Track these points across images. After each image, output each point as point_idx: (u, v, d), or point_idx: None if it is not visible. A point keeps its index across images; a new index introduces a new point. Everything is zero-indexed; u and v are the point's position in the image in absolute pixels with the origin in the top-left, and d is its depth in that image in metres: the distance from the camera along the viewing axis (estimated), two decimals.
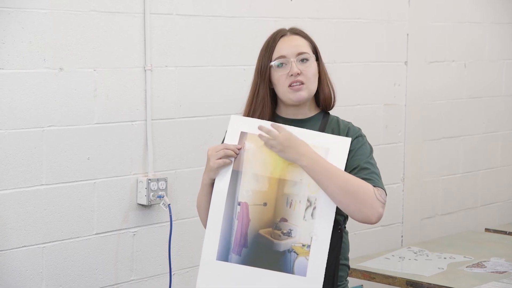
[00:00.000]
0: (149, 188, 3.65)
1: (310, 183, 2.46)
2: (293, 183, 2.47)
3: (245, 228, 2.47)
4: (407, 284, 3.51)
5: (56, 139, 3.41)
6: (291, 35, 2.60)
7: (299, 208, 2.45)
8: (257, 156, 2.50)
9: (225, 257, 2.47)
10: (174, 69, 3.77)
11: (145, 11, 3.63)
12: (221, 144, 2.53)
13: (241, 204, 2.48)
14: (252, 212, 2.47)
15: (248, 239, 2.46)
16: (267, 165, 2.49)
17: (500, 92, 5.43)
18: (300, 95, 2.54)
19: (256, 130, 2.52)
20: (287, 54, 2.56)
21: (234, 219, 2.48)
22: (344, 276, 2.60)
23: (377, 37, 4.67)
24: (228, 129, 2.54)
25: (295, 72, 2.53)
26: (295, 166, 2.47)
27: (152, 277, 3.77)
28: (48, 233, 3.42)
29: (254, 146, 2.51)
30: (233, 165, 2.50)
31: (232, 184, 2.49)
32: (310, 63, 2.56)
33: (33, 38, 3.31)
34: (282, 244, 2.44)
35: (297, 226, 2.45)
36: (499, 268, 3.70)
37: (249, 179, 2.49)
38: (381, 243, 4.67)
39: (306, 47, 2.59)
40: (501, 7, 5.38)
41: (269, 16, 4.07)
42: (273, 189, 2.48)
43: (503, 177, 5.51)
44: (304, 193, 2.46)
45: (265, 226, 2.46)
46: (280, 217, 2.46)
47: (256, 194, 2.48)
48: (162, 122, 3.75)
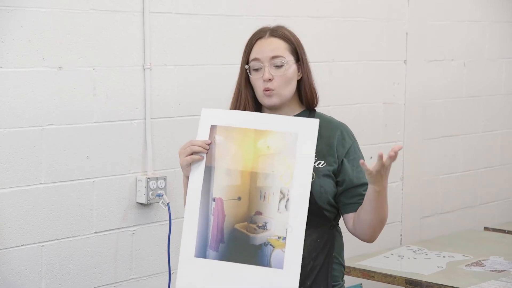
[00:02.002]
0: (148, 187, 3.65)
1: (282, 175, 2.46)
2: (265, 176, 2.47)
3: (221, 223, 2.47)
4: (406, 282, 3.52)
5: (55, 138, 3.41)
6: (268, 38, 2.57)
7: (272, 201, 2.45)
8: (228, 149, 2.50)
9: (203, 254, 2.47)
10: (173, 67, 3.77)
11: (144, 10, 3.63)
12: (188, 141, 2.52)
13: (215, 199, 2.48)
14: (227, 207, 2.47)
15: (224, 234, 2.46)
16: (239, 158, 2.49)
17: (499, 91, 5.43)
18: (271, 101, 2.55)
19: (224, 122, 2.51)
20: (261, 57, 2.55)
21: (210, 215, 2.48)
22: (339, 276, 2.58)
23: (377, 35, 4.67)
24: (199, 124, 2.54)
25: (266, 78, 2.53)
26: (265, 157, 2.47)
27: (151, 276, 3.77)
28: (47, 232, 3.42)
29: (224, 139, 2.51)
30: (205, 161, 2.50)
31: (206, 180, 2.49)
32: (284, 67, 2.54)
33: (32, 36, 3.31)
34: (258, 238, 2.44)
35: (271, 219, 2.44)
36: (498, 266, 3.70)
37: (222, 174, 2.49)
38: (380, 241, 4.63)
39: (282, 50, 2.55)
40: (500, 6, 5.38)
41: (269, 15, 4.07)
42: (246, 183, 2.48)
43: (502, 176, 5.51)
44: (277, 185, 2.45)
45: (241, 220, 2.46)
46: (255, 210, 2.46)
47: (230, 189, 2.48)
48: (162, 121, 3.75)
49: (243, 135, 2.51)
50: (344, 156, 2.55)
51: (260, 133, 2.50)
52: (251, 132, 2.51)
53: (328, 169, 2.53)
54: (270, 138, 2.50)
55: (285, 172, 2.46)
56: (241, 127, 2.52)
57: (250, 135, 2.51)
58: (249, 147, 2.50)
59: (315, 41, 4.28)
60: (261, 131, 2.51)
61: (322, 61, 4.36)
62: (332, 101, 4.37)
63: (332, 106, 4.35)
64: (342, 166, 2.54)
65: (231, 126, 2.52)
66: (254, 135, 2.50)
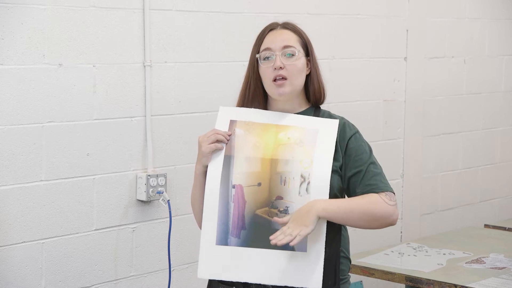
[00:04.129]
0: (148, 184, 3.65)
1: (302, 160, 2.46)
2: (285, 162, 2.47)
3: (242, 210, 2.47)
4: (406, 280, 3.52)
5: (55, 135, 3.41)
6: (280, 29, 2.60)
7: (293, 185, 2.45)
8: (248, 140, 2.51)
9: (225, 241, 2.46)
10: (173, 64, 3.77)
11: (145, 7, 3.63)
12: (211, 130, 2.53)
13: (235, 186, 2.48)
14: (247, 194, 2.47)
15: (245, 220, 2.46)
16: (258, 147, 2.50)
17: (499, 88, 5.44)
18: (283, 90, 2.53)
19: (245, 118, 2.53)
20: (272, 47, 2.55)
21: (230, 202, 2.47)
22: (345, 270, 2.58)
23: (377, 33, 4.67)
24: (218, 119, 2.55)
25: (277, 66, 2.52)
26: (286, 145, 2.48)
27: (151, 273, 3.77)
28: (48, 229, 3.42)
29: (244, 131, 2.52)
30: (224, 151, 2.50)
31: (225, 169, 2.49)
32: (296, 58, 2.55)
33: (32, 33, 3.31)
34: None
35: (293, 203, 2.44)
36: (498, 264, 3.71)
37: (241, 162, 2.49)
38: (380, 239, 4.67)
39: (294, 41, 2.57)
40: (500, 3, 5.38)
41: (269, 12, 4.07)
42: (266, 169, 2.48)
43: (503, 173, 5.51)
44: (297, 170, 2.46)
45: (262, 206, 2.46)
46: (276, 195, 2.46)
47: (249, 175, 2.48)
48: (162, 118, 3.75)
49: (264, 129, 2.53)
50: (345, 148, 2.54)
51: (281, 127, 2.52)
52: (272, 126, 2.53)
53: (335, 165, 2.52)
54: (291, 131, 2.51)
55: (305, 157, 2.46)
56: (262, 122, 2.53)
57: (271, 129, 2.52)
58: (269, 138, 2.51)
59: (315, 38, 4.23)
60: (282, 126, 2.52)
61: (322, 59, 4.31)
62: (332, 99, 4.36)
63: (333, 103, 4.35)
64: (344, 158, 2.54)
65: (252, 121, 2.54)
66: (275, 129, 2.52)
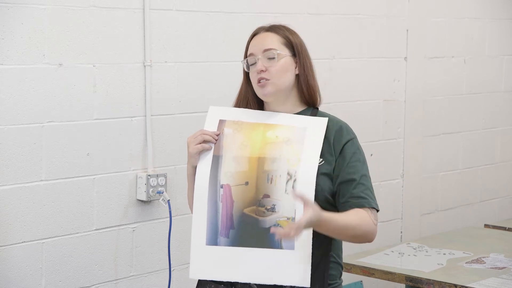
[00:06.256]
0: (148, 184, 3.65)
1: (289, 158, 2.47)
2: (273, 160, 2.48)
3: (230, 209, 2.48)
4: (406, 280, 3.52)
5: (55, 134, 3.41)
6: (263, 33, 2.61)
7: (279, 183, 2.46)
8: (236, 139, 2.52)
9: (214, 241, 2.48)
10: (173, 64, 3.76)
11: (145, 7, 3.63)
12: (199, 130, 2.55)
13: (223, 186, 2.49)
14: (235, 193, 2.48)
15: (234, 220, 2.47)
16: (246, 146, 2.51)
17: (499, 88, 5.43)
18: (266, 90, 2.55)
19: (234, 117, 2.55)
20: (254, 51, 2.58)
21: (219, 202, 2.49)
22: (336, 275, 2.56)
23: (377, 32, 4.66)
24: (207, 119, 2.57)
25: (258, 69, 2.55)
26: (274, 144, 2.49)
27: (151, 273, 3.77)
28: (48, 229, 3.42)
29: (232, 131, 2.53)
30: (213, 151, 2.51)
31: (213, 169, 2.50)
32: (276, 59, 2.55)
33: (32, 33, 3.31)
34: (267, 220, 2.44)
35: (279, 200, 2.45)
36: (498, 264, 3.71)
37: (229, 162, 2.50)
38: (380, 239, 4.63)
39: (276, 43, 2.57)
40: (500, 3, 5.38)
41: (269, 12, 4.07)
42: (253, 168, 2.49)
43: (503, 173, 5.51)
44: (284, 168, 2.46)
45: (249, 204, 2.47)
46: (263, 193, 2.46)
47: (237, 175, 2.49)
48: (162, 118, 3.75)
49: (252, 128, 2.54)
50: (340, 152, 2.54)
51: (269, 126, 2.53)
52: (260, 125, 2.54)
53: (327, 168, 2.51)
54: (278, 129, 2.52)
55: (292, 155, 2.47)
56: (251, 122, 2.54)
57: (259, 128, 2.53)
58: (257, 137, 2.52)
59: (315, 38, 4.28)
60: (270, 125, 2.53)
61: (322, 58, 4.36)
62: (332, 98, 4.37)
63: (333, 103, 4.35)
64: (337, 162, 2.53)
65: (241, 121, 2.55)
66: (263, 128, 2.53)
